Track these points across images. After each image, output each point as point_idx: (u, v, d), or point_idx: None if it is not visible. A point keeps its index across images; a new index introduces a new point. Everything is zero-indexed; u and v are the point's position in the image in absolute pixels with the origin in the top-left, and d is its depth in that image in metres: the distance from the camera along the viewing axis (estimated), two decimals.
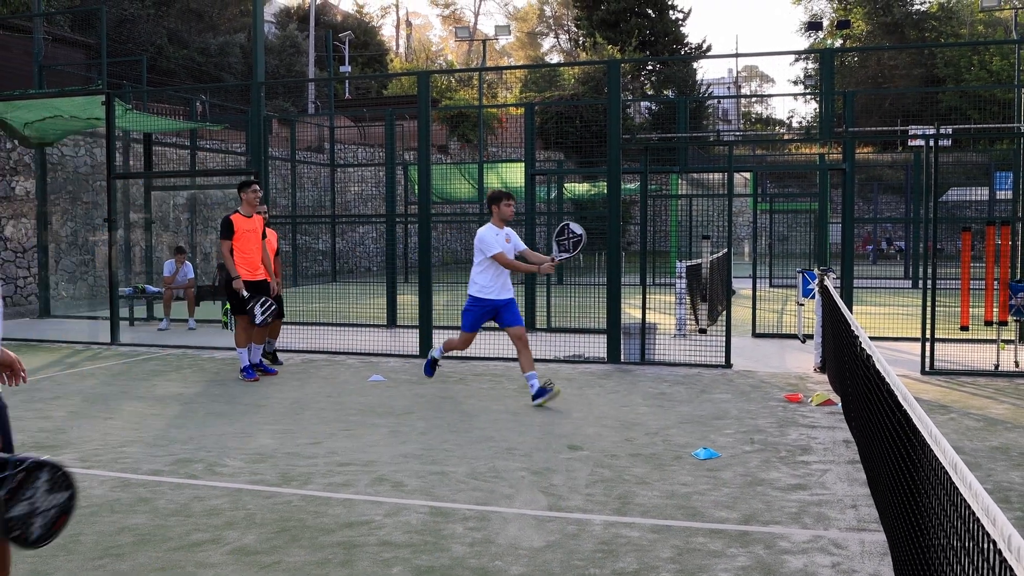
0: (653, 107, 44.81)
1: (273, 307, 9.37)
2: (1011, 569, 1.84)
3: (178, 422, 7.32)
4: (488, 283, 8.04)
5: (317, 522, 4.78)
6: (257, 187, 9.55)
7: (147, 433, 6.91)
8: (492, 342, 11.12)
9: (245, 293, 9.23)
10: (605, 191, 11.23)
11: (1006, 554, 1.89)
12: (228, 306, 10.43)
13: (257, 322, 9.23)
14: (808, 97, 55.09)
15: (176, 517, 4.88)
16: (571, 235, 8.10)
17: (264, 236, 9.67)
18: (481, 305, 8.08)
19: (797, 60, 52.81)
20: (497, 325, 8.23)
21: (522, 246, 8.32)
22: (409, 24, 68.73)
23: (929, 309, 9.35)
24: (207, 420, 7.40)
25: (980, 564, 2.12)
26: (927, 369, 9.36)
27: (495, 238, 8.02)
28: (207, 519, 4.84)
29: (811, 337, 10.76)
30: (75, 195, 18.05)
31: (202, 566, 4.17)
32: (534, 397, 7.86)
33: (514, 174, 22.09)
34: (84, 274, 18.25)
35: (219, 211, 22.46)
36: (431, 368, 8.74)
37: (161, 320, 14.00)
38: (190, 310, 13.92)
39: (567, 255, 8.09)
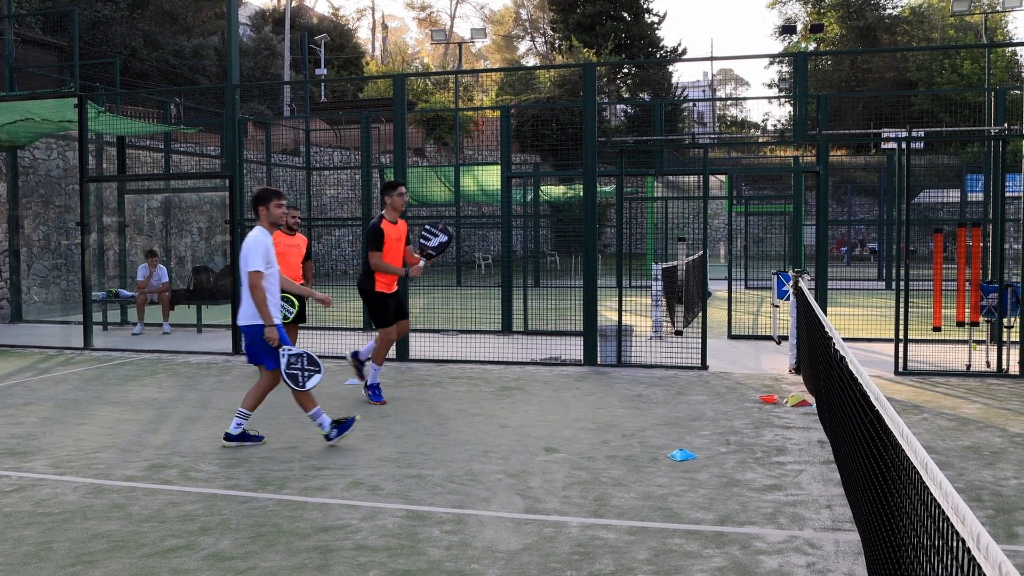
0: (629, 110, 44.94)
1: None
2: (979, 567, 1.86)
3: (152, 427, 7.27)
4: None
5: (293, 527, 4.76)
6: (404, 189, 8.20)
7: (121, 438, 6.85)
8: (468, 346, 11.12)
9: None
10: (581, 193, 11.26)
11: (974, 552, 1.91)
12: (295, 307, 8.57)
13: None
14: (782, 100, 55.50)
15: (150, 523, 4.84)
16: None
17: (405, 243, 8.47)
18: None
19: (771, 63, 53.28)
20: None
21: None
22: (385, 27, 68.61)
23: (902, 310, 9.44)
24: (181, 425, 7.34)
25: (950, 562, 2.15)
26: (900, 369, 9.45)
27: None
28: (181, 525, 4.80)
29: (786, 338, 10.83)
30: (47, 198, 17.85)
31: (177, 572, 4.14)
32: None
33: (490, 177, 22.09)
34: (57, 278, 18.06)
35: (194, 214, 22.31)
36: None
37: (135, 324, 13.88)
38: (164, 314, 13.82)
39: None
